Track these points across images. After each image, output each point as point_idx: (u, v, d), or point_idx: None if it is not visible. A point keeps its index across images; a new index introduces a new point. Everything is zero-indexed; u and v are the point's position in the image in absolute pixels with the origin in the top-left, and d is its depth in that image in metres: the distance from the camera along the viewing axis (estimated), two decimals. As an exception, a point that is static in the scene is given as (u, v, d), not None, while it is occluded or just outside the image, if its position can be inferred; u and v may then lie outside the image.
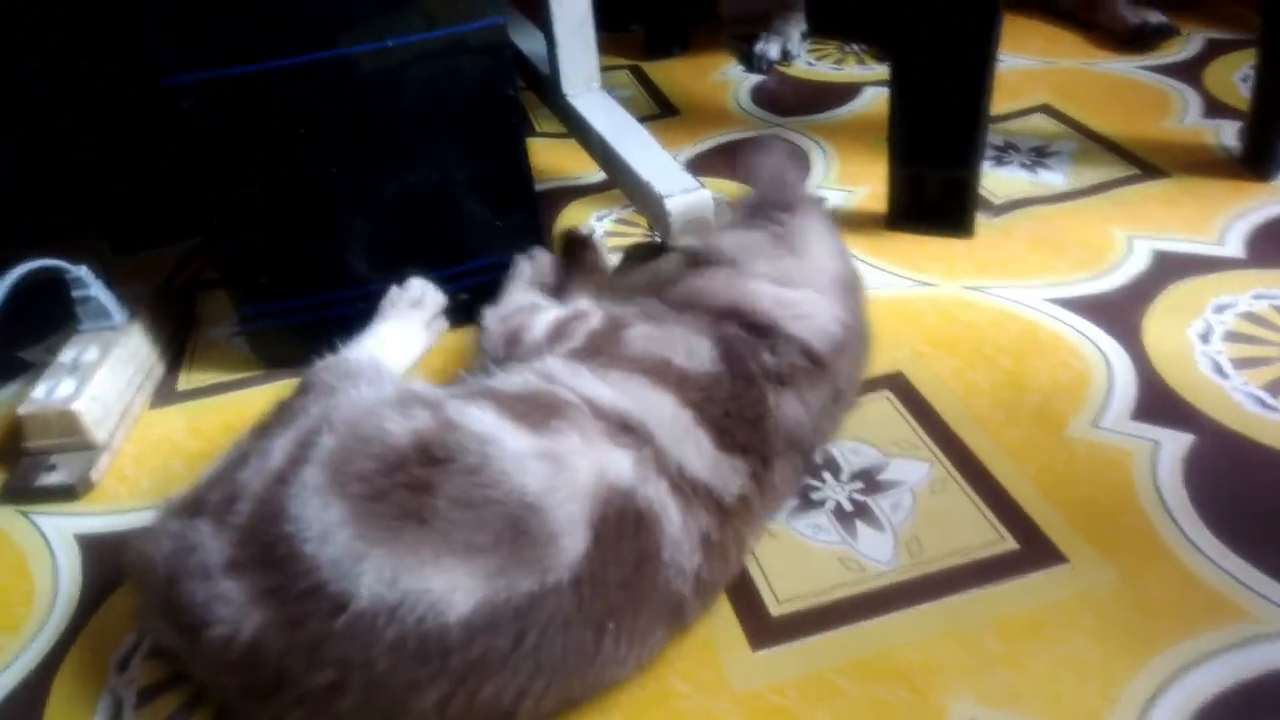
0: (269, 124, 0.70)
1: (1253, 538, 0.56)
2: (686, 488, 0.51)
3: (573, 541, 0.45)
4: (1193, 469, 0.61)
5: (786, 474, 0.57)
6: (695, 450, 0.53)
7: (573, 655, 0.45)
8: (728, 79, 1.27)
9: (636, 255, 0.79)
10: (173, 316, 0.86)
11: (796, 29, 1.33)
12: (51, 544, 0.66)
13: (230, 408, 0.78)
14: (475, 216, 0.79)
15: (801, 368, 0.56)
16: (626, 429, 0.52)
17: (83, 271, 0.77)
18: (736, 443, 0.53)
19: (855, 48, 1.32)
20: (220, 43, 0.67)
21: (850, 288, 0.62)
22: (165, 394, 0.80)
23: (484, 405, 0.50)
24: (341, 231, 0.77)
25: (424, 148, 0.75)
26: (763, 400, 0.54)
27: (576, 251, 0.84)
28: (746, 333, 0.56)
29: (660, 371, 0.55)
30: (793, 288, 0.59)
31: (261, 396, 0.78)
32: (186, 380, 0.82)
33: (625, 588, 0.46)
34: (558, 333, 0.63)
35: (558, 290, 0.76)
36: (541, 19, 0.91)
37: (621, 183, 0.81)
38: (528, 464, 0.47)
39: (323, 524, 0.44)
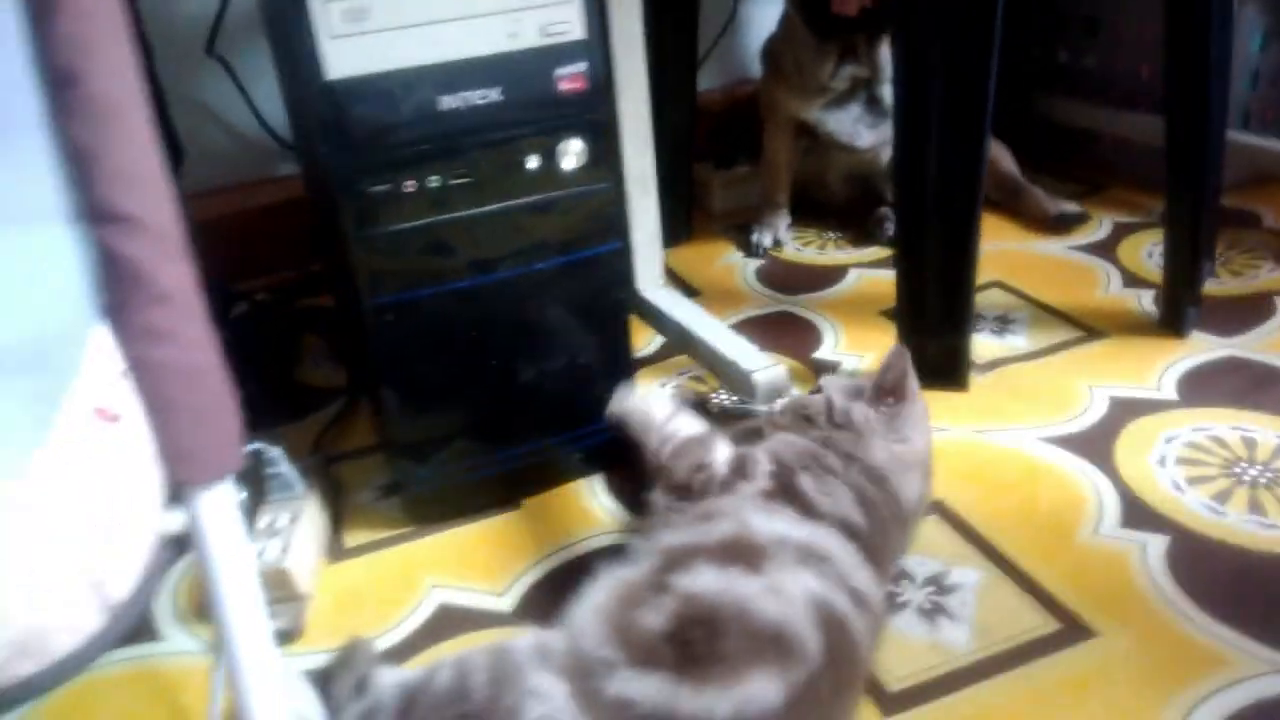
0: (449, 330, 0.90)
1: (1225, 607, 0.78)
2: (857, 597, 0.68)
3: (814, 638, 0.62)
4: (1173, 562, 0.83)
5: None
6: (860, 572, 0.71)
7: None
8: (732, 263, 1.52)
9: (733, 414, 0.99)
10: (329, 484, 1.02)
11: (782, 221, 1.59)
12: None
13: (395, 559, 0.94)
14: (590, 389, 0.99)
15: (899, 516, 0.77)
16: (814, 556, 0.69)
17: (276, 451, 0.93)
18: (877, 564, 0.73)
19: (832, 235, 1.59)
20: (419, 272, 0.87)
21: (928, 468, 0.83)
22: (336, 551, 0.96)
23: (701, 566, 0.66)
24: (488, 408, 0.95)
25: (558, 339, 0.95)
26: (888, 534, 0.74)
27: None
28: (873, 485, 0.76)
29: (833, 518, 0.73)
30: (899, 460, 0.79)
31: (418, 549, 0.95)
32: (350, 539, 0.97)
33: (851, 664, 0.65)
34: (739, 470, 0.78)
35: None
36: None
37: (704, 359, 1.02)
38: (763, 599, 0.64)
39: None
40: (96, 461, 0.50)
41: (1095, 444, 0.99)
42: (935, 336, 1.11)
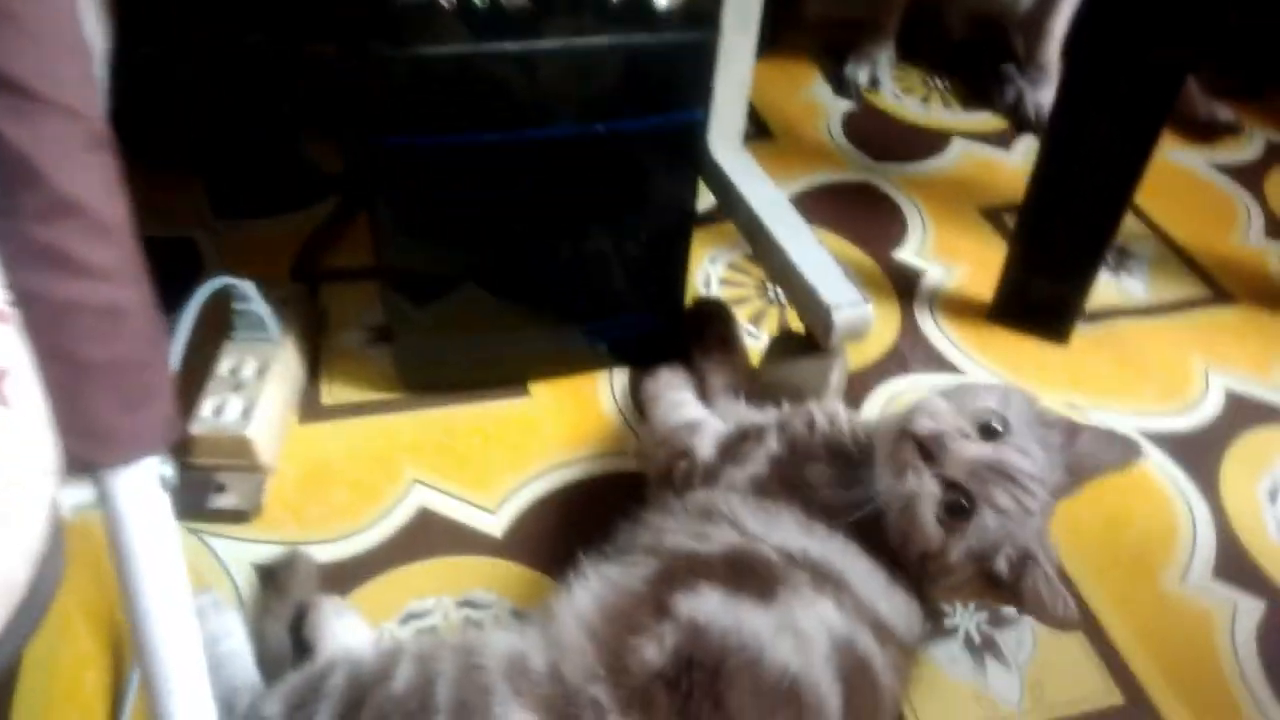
0: (477, 184, 0.71)
1: (1314, 714, 0.67)
2: (881, 630, 0.58)
3: (834, 693, 0.53)
4: (1264, 638, 0.71)
5: None
6: (882, 597, 0.59)
7: None
8: (817, 101, 1.29)
9: (783, 348, 0.83)
10: (308, 315, 0.87)
11: (885, 54, 1.34)
12: (230, 570, 0.70)
13: (376, 432, 0.80)
14: (635, 274, 0.82)
15: None
16: (825, 578, 0.58)
17: (249, 287, 0.77)
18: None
19: (939, 83, 1.35)
20: (449, 114, 0.67)
21: None
22: (311, 407, 0.82)
23: (706, 589, 0.55)
24: (509, 283, 0.78)
25: (607, 214, 0.77)
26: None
27: (708, 324, 0.87)
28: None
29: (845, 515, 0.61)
30: None
31: (404, 425, 0.81)
32: (329, 394, 0.83)
33: (875, 716, 0.56)
34: (729, 454, 0.67)
35: (699, 384, 0.81)
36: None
37: (775, 270, 0.84)
38: (776, 644, 0.53)
39: None
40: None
41: (1202, 452, 0.85)
42: (1052, 274, 0.92)
